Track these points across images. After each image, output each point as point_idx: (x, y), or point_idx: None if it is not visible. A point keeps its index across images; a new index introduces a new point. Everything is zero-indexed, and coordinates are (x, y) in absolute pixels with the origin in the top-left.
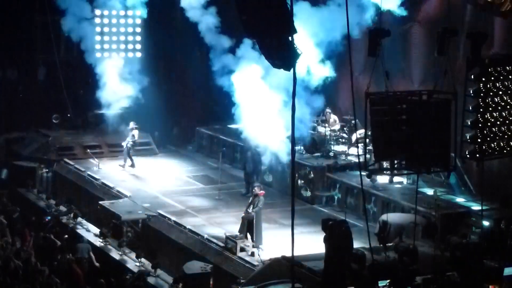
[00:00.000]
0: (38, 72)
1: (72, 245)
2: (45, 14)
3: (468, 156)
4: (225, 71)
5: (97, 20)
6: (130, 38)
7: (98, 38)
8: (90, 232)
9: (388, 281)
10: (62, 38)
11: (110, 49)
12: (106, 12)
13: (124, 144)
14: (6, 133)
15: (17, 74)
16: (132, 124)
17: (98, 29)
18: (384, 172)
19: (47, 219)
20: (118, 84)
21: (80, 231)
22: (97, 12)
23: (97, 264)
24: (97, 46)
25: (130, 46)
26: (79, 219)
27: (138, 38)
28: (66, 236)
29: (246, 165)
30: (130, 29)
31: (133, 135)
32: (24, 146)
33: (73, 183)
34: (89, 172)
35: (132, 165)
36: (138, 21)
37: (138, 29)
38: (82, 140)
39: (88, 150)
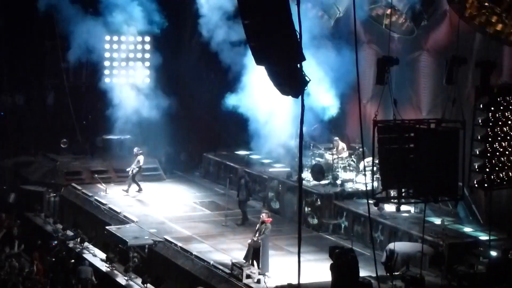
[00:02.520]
0: (47, 97)
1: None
2: (54, 39)
3: (476, 185)
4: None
5: (107, 46)
6: (139, 64)
7: (107, 63)
8: (96, 257)
9: None
10: (71, 63)
11: (119, 74)
12: (115, 38)
13: (129, 170)
14: (14, 157)
15: (25, 99)
16: (136, 150)
17: (107, 54)
18: (392, 200)
19: (53, 244)
20: (126, 109)
21: (87, 255)
22: (107, 37)
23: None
24: (106, 72)
25: (139, 72)
26: (86, 243)
27: (147, 64)
28: (73, 260)
29: (239, 193)
30: (139, 55)
31: (138, 161)
32: (32, 170)
33: (80, 208)
34: (96, 197)
35: (139, 190)
36: (147, 47)
37: (147, 55)
38: (90, 165)
39: (96, 175)
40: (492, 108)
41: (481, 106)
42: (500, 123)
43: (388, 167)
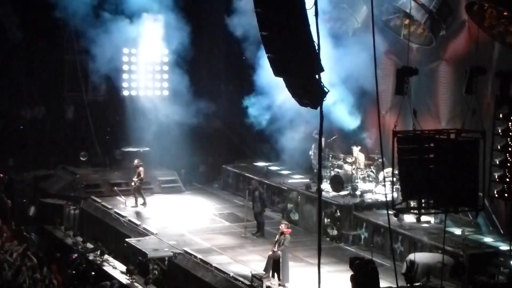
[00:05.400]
0: (66, 110)
1: (98, 282)
2: (73, 53)
3: (496, 195)
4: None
5: (125, 58)
6: (158, 76)
7: (125, 76)
8: (116, 269)
9: None
10: (90, 76)
11: (138, 87)
12: (134, 51)
13: (132, 183)
14: (34, 170)
15: (45, 112)
16: (136, 162)
17: (126, 67)
18: (411, 211)
19: (74, 256)
20: (145, 122)
21: (107, 268)
22: (125, 50)
23: None
24: (125, 84)
25: (158, 85)
26: (106, 256)
27: (166, 76)
28: (93, 273)
29: (254, 205)
30: (157, 68)
31: (139, 173)
32: (52, 183)
33: (100, 220)
34: (116, 210)
35: (144, 204)
36: (166, 59)
37: (166, 67)
38: (109, 178)
39: (115, 188)
40: None
41: (501, 116)
42: None
43: (408, 177)
